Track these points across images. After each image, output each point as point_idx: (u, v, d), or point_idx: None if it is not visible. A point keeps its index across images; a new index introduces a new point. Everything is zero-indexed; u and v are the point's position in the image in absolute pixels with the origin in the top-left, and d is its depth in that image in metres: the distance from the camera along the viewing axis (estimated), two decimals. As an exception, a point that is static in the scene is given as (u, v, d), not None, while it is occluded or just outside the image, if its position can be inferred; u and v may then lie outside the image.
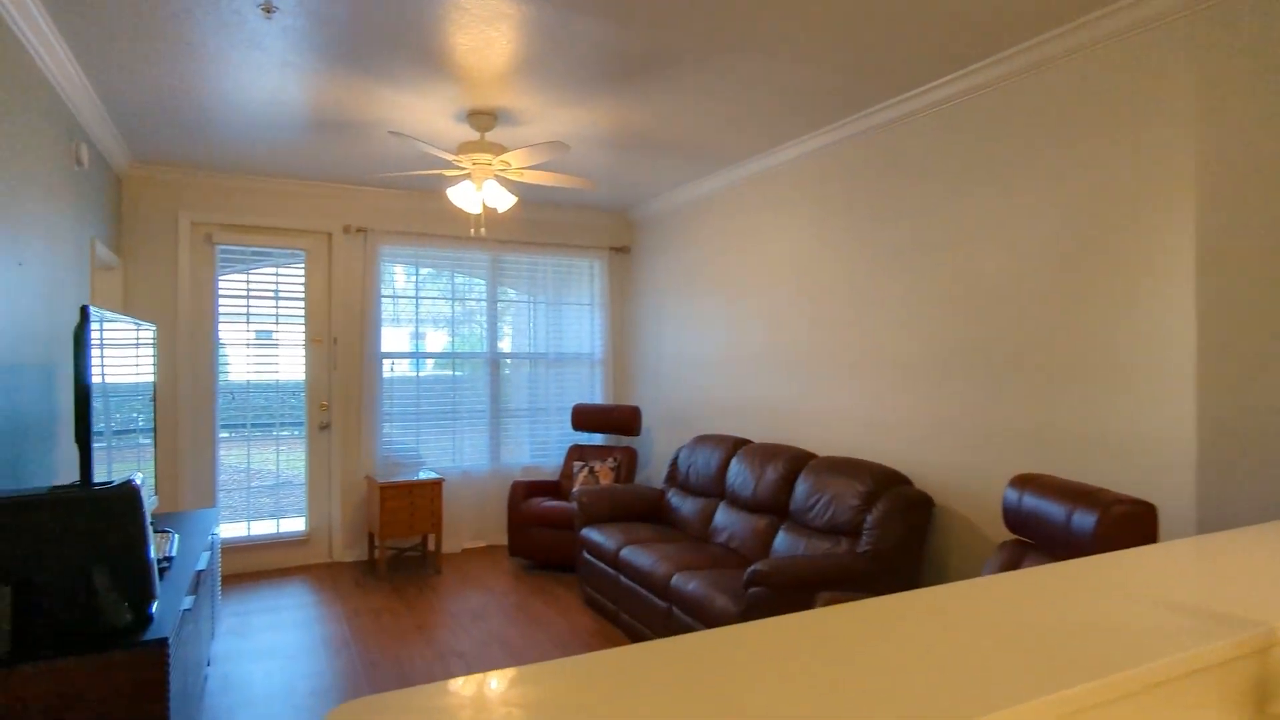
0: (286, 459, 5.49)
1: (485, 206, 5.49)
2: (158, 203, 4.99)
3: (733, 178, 4.94)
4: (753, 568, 2.94)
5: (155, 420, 3.50)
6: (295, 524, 5.43)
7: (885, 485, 3.32)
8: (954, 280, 3.37)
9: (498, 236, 6.00)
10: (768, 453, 4.05)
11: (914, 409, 3.57)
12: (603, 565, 4.21)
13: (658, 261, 6.01)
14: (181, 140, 4.35)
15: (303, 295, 5.43)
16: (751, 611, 2.94)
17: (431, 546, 5.66)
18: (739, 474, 4.14)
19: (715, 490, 4.39)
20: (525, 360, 6.15)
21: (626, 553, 3.95)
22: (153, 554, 2.15)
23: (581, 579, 4.51)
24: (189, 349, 5.08)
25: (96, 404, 2.54)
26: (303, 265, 5.43)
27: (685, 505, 4.55)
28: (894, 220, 3.71)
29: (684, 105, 3.70)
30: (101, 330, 2.77)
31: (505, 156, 3.72)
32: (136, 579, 2.06)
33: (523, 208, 6.03)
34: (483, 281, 5.97)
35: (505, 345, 6.11)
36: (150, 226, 4.98)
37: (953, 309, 3.37)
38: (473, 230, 4.03)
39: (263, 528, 5.33)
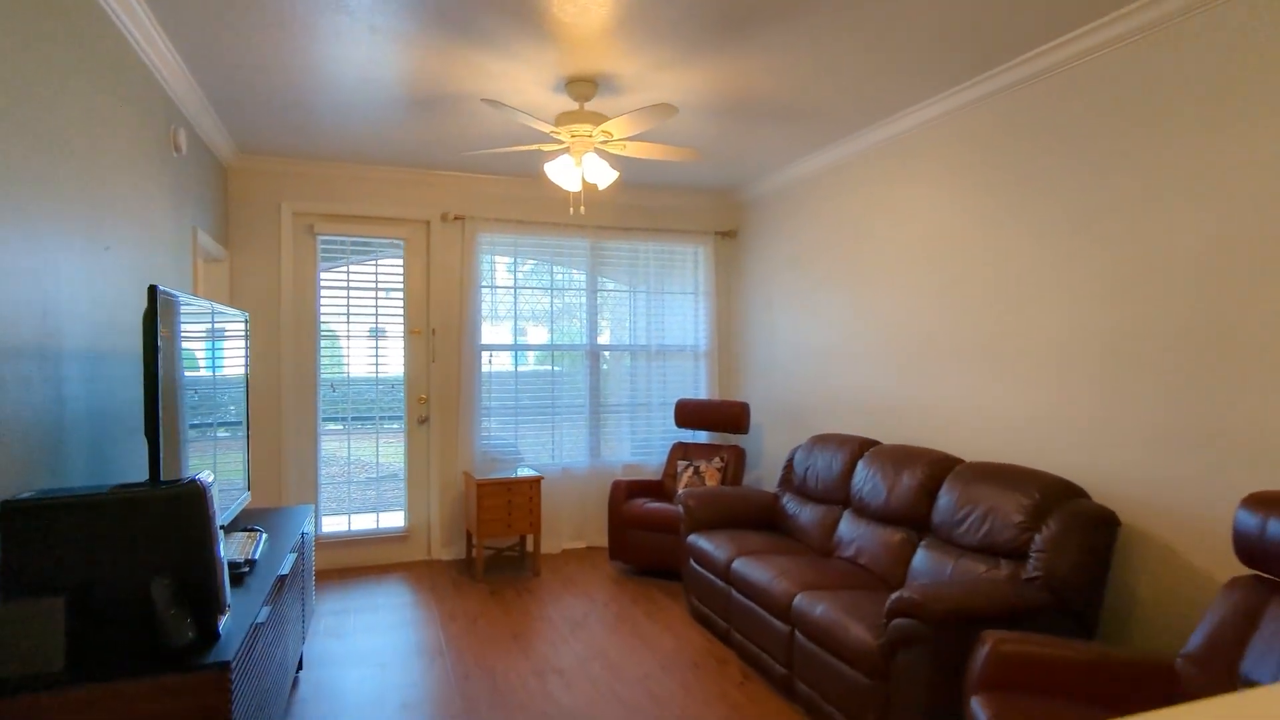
0: (386, 453, 5.39)
1: (585, 183, 5.18)
2: (261, 193, 4.97)
3: (857, 147, 4.43)
4: (898, 595, 2.48)
5: (248, 413, 3.37)
6: (395, 519, 5.32)
7: (1057, 498, 2.78)
8: (1141, 252, 2.77)
9: (597, 222, 5.70)
10: (902, 456, 3.55)
11: (1086, 407, 2.99)
12: (712, 577, 3.82)
13: (768, 245, 5.55)
14: (280, 127, 4.26)
15: (401, 286, 5.31)
16: (896, 646, 2.48)
17: (530, 547, 5.43)
18: (867, 480, 3.66)
19: (838, 497, 3.92)
20: (625, 353, 5.83)
21: (740, 565, 3.55)
22: (223, 560, 1.93)
23: (687, 589, 4.14)
24: (292, 341, 5.04)
25: (187, 395, 2.37)
26: (401, 255, 5.30)
27: (803, 513, 4.10)
28: (1061, 182, 3.14)
29: (808, 59, 3.25)
30: (214, 319, 2.62)
31: (606, 126, 3.38)
32: (201, 591, 1.83)
33: (623, 191, 5.71)
34: (582, 272, 5.69)
35: (604, 338, 5.81)
36: (255, 218, 4.96)
37: (1141, 285, 2.78)
38: (571, 209, 3.73)
39: (363, 523, 5.25)
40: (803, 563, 3.45)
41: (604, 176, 3.60)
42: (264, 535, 2.91)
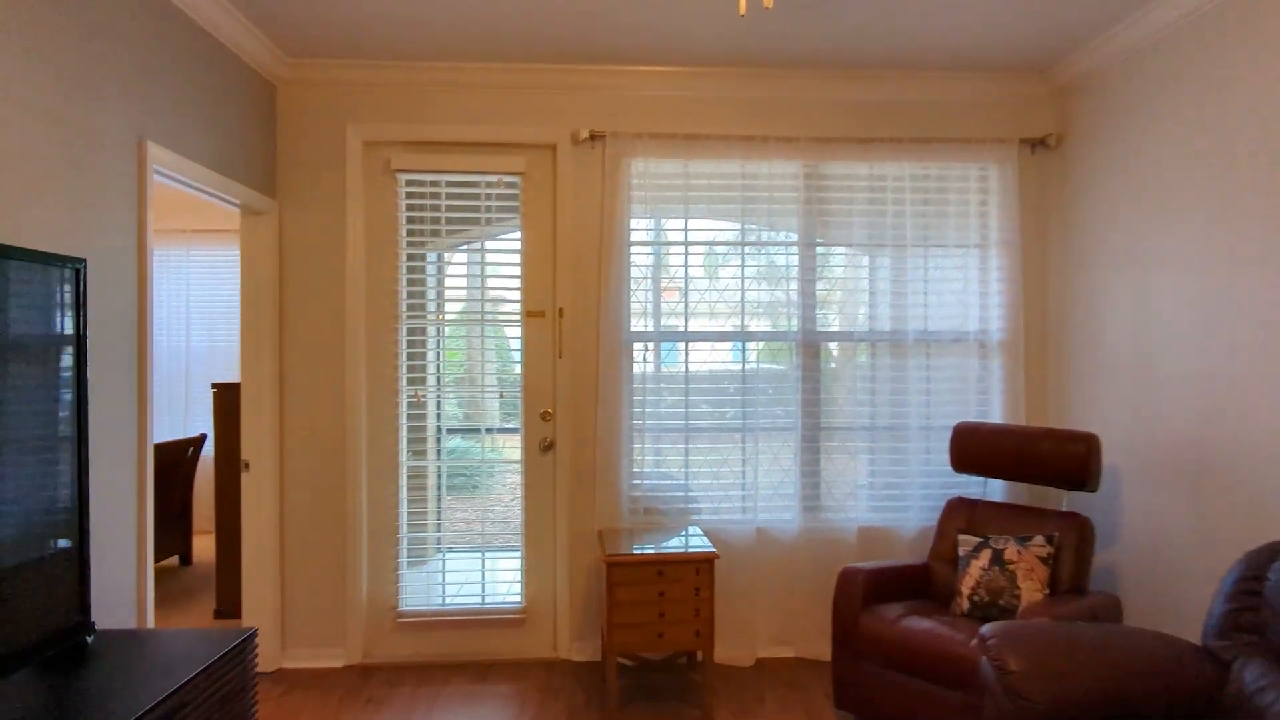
0: (501, 492, 3.69)
1: None
2: (319, 115, 3.46)
3: None
4: None
5: (82, 438, 1.73)
6: (509, 589, 3.59)
7: None
8: None
9: (813, 132, 3.56)
10: None
11: None
12: None
13: (1129, 154, 3.05)
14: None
15: (517, 247, 3.56)
16: None
17: (700, 657, 3.42)
18: None
19: None
20: (860, 345, 3.62)
21: None
22: None
23: None
24: (361, 331, 3.49)
25: None
26: (517, 199, 3.56)
27: (1328, 731, 1.67)
28: None
29: None
30: None
31: None
32: None
33: (854, 79, 3.50)
34: (789, 219, 3.56)
35: (826, 322, 3.65)
36: (312, 152, 3.46)
37: None
38: (742, 7, 1.63)
39: (466, 593, 3.57)
40: None
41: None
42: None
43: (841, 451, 3.62)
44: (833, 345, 3.65)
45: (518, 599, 3.57)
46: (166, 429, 5.99)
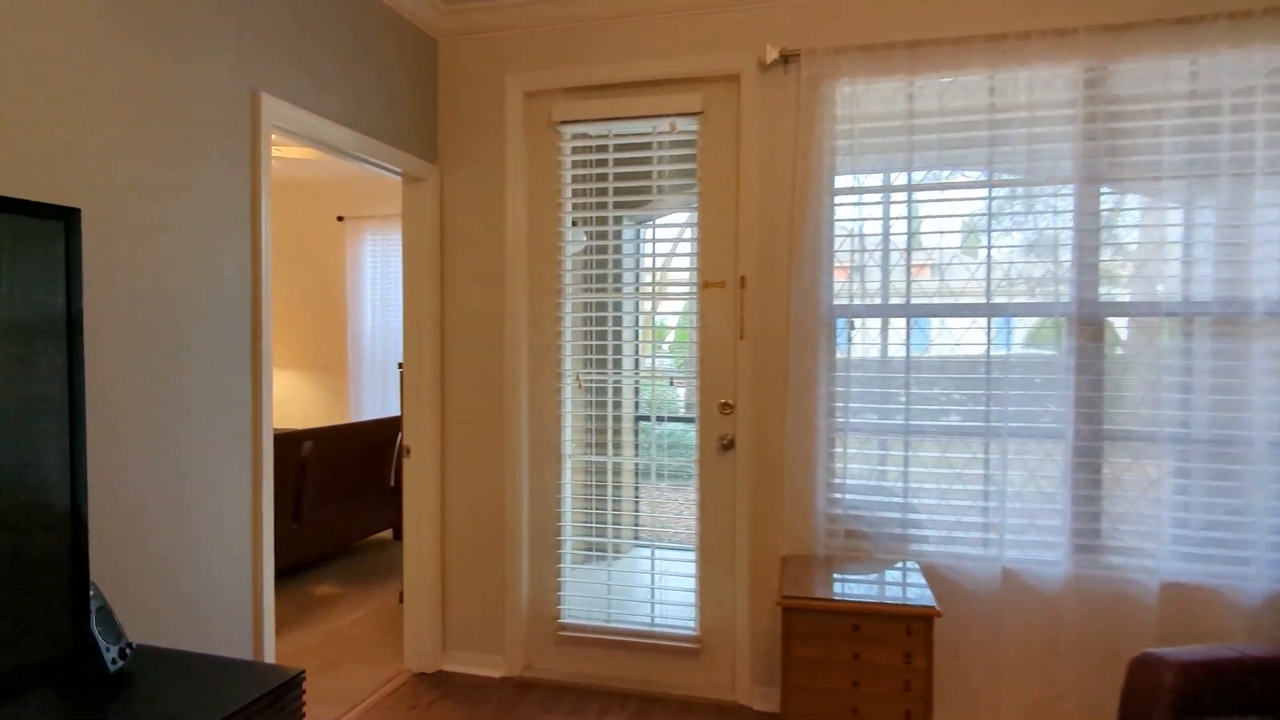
0: (674, 497, 3.17)
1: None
2: (478, 68, 3.13)
3: None
4: None
5: (75, 418, 1.43)
6: (684, 611, 3.04)
7: None
8: None
9: (1100, 18, 2.52)
10: None
11: None
12: None
13: None
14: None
15: (693, 204, 2.97)
16: None
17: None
18: None
19: None
20: (1169, 321, 2.53)
21: None
22: None
23: None
24: (527, 309, 3.12)
25: None
26: (693, 147, 2.95)
27: None
28: None
29: None
30: None
31: None
32: None
33: (1178, -62, 2.41)
34: (1059, 149, 2.56)
35: (1113, 292, 2.61)
36: (469, 111, 3.14)
37: None
38: None
39: (635, 613, 3.09)
40: None
41: None
42: None
43: (1135, 470, 2.58)
44: (1124, 322, 2.60)
45: (692, 625, 3.01)
46: (394, 406, 6.24)
